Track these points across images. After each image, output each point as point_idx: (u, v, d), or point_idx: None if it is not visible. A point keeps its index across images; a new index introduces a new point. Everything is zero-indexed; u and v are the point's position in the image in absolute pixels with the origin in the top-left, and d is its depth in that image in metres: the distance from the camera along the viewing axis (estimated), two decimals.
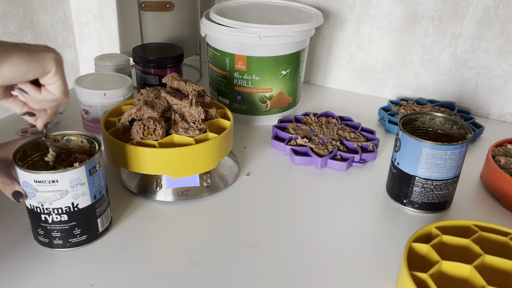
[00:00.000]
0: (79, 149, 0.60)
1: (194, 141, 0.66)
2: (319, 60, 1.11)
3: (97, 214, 0.58)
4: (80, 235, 0.57)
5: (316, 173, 0.77)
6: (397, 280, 0.53)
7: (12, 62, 0.44)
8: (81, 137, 0.60)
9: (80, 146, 0.60)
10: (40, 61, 0.46)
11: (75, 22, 1.35)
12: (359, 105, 1.03)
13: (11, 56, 0.44)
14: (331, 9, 1.05)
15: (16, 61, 0.45)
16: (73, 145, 0.60)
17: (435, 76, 1.01)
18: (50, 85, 0.49)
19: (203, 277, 0.55)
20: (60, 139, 0.60)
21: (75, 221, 0.56)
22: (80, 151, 0.60)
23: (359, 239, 0.62)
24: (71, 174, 0.52)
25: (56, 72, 0.48)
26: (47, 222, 0.55)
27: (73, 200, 0.54)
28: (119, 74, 0.84)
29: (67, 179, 0.52)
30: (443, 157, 0.63)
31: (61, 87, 0.49)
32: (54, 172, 0.52)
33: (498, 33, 0.92)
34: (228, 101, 0.91)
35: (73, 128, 0.87)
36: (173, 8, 1.01)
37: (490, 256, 0.51)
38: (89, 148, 0.60)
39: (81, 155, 0.59)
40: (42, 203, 0.53)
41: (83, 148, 0.60)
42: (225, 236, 0.62)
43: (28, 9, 1.18)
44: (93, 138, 0.59)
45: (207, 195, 0.69)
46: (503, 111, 0.98)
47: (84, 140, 0.60)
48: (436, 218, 0.67)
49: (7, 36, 0.87)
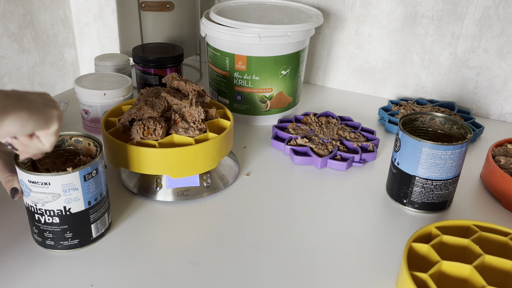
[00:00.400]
0: (86, 151, 0.60)
1: (194, 141, 0.66)
2: (319, 60, 1.11)
3: (91, 220, 0.57)
4: (71, 239, 0.56)
5: (316, 173, 0.77)
6: (397, 280, 0.53)
7: (17, 119, 0.44)
8: (88, 139, 0.60)
9: (87, 149, 0.60)
10: (45, 120, 0.47)
11: (75, 22, 1.35)
12: (359, 105, 1.03)
13: (17, 112, 0.44)
14: (331, 9, 1.05)
15: (22, 117, 0.45)
16: (81, 146, 0.60)
17: (435, 76, 1.01)
18: (44, 137, 0.49)
19: (203, 277, 0.55)
20: (69, 139, 0.60)
21: (67, 224, 0.55)
22: (86, 154, 0.60)
23: (359, 239, 0.62)
24: (63, 178, 0.52)
25: (57, 131, 0.49)
26: (40, 222, 0.55)
27: (65, 204, 0.54)
28: (119, 74, 0.84)
29: (59, 183, 0.52)
30: (443, 157, 0.63)
31: (53, 141, 0.50)
32: (46, 174, 0.51)
33: (498, 33, 0.92)
34: (228, 101, 0.91)
35: (73, 128, 0.87)
36: (173, 8, 1.01)
37: (490, 256, 0.51)
38: (95, 152, 0.60)
39: (86, 158, 0.59)
40: (36, 203, 0.53)
41: (90, 150, 0.60)
42: (225, 236, 0.62)
43: (28, 9, 1.18)
44: (98, 143, 0.59)
45: (207, 195, 0.69)
46: (503, 111, 0.98)
47: (91, 143, 0.60)
48: (436, 218, 0.67)
49: (7, 36, 0.87)
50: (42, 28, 1.24)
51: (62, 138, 0.59)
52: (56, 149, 0.59)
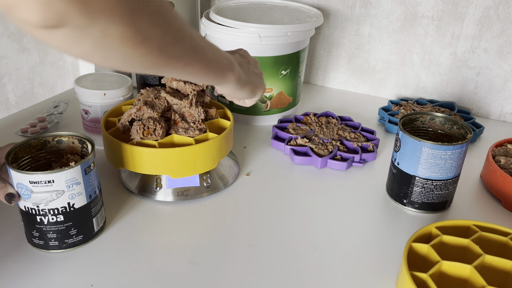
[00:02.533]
0: (70, 149, 0.60)
1: (194, 141, 0.66)
2: (319, 60, 1.11)
3: (93, 214, 0.58)
4: (76, 235, 0.57)
5: (316, 173, 0.77)
6: (397, 280, 0.53)
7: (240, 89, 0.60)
8: (72, 137, 0.60)
9: (71, 147, 0.60)
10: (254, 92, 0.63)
11: None
12: (359, 105, 1.03)
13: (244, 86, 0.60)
14: (331, 9, 1.05)
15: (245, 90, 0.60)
16: (64, 146, 0.60)
17: (435, 76, 1.01)
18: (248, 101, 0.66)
19: (203, 277, 0.55)
20: (51, 141, 0.59)
21: (71, 221, 0.55)
22: (72, 152, 0.60)
23: (359, 239, 0.62)
24: (67, 173, 0.52)
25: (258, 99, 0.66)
26: (43, 224, 0.55)
27: (69, 200, 0.54)
28: (119, 74, 0.84)
29: (63, 179, 0.52)
30: (443, 157, 0.63)
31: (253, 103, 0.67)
32: (50, 172, 0.52)
33: (498, 33, 0.92)
34: (228, 101, 0.91)
35: (73, 129, 0.87)
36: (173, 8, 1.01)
37: (490, 256, 0.51)
38: (81, 148, 0.60)
39: (73, 156, 0.59)
40: (38, 204, 0.53)
41: (75, 148, 0.60)
42: (225, 236, 0.62)
43: None
44: (85, 138, 0.59)
45: (207, 195, 0.69)
46: (503, 111, 0.98)
47: (76, 140, 0.60)
48: (436, 218, 0.67)
49: (7, 36, 0.87)
50: None
51: (44, 140, 0.59)
52: (39, 152, 0.59)
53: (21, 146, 0.57)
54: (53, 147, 0.60)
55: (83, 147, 0.60)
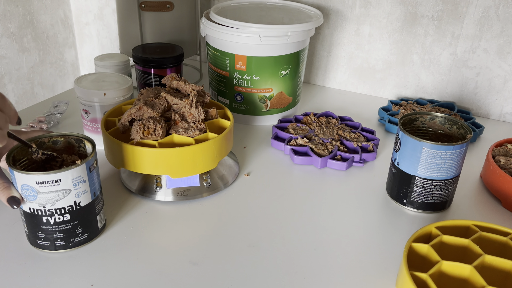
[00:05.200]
0: (67, 150, 0.60)
1: (194, 141, 0.66)
2: (319, 60, 1.11)
3: (97, 211, 0.58)
4: (82, 233, 0.57)
5: (316, 173, 0.77)
6: (397, 280, 0.53)
7: None
8: (68, 137, 0.60)
9: (68, 147, 0.60)
10: None
11: (75, 22, 1.35)
12: (359, 105, 1.03)
13: None
14: (331, 9, 1.05)
15: None
16: (59, 146, 0.60)
17: (435, 76, 1.01)
18: None
19: (203, 277, 0.55)
20: (46, 142, 0.59)
21: (77, 219, 0.56)
22: (69, 152, 0.60)
23: (359, 239, 0.62)
24: (73, 172, 0.53)
25: None
26: (49, 224, 0.55)
27: (75, 198, 0.54)
28: (119, 74, 0.84)
29: (70, 178, 0.53)
30: (443, 157, 0.63)
31: None
32: (57, 171, 0.52)
33: (498, 33, 0.92)
34: (228, 101, 0.91)
35: (73, 129, 0.87)
36: (173, 8, 1.01)
37: (490, 256, 0.51)
38: (78, 148, 0.60)
39: (71, 156, 0.59)
40: (44, 205, 0.53)
41: (71, 148, 0.60)
42: (225, 236, 0.62)
43: (28, 9, 1.18)
44: (82, 137, 0.59)
45: (207, 195, 0.69)
46: (503, 111, 0.98)
47: (72, 140, 0.60)
48: (436, 218, 0.67)
49: (7, 36, 0.87)
50: (42, 28, 1.24)
51: (40, 142, 0.58)
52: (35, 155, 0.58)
53: (17, 149, 0.56)
54: (49, 148, 0.60)
55: (80, 147, 0.60)
